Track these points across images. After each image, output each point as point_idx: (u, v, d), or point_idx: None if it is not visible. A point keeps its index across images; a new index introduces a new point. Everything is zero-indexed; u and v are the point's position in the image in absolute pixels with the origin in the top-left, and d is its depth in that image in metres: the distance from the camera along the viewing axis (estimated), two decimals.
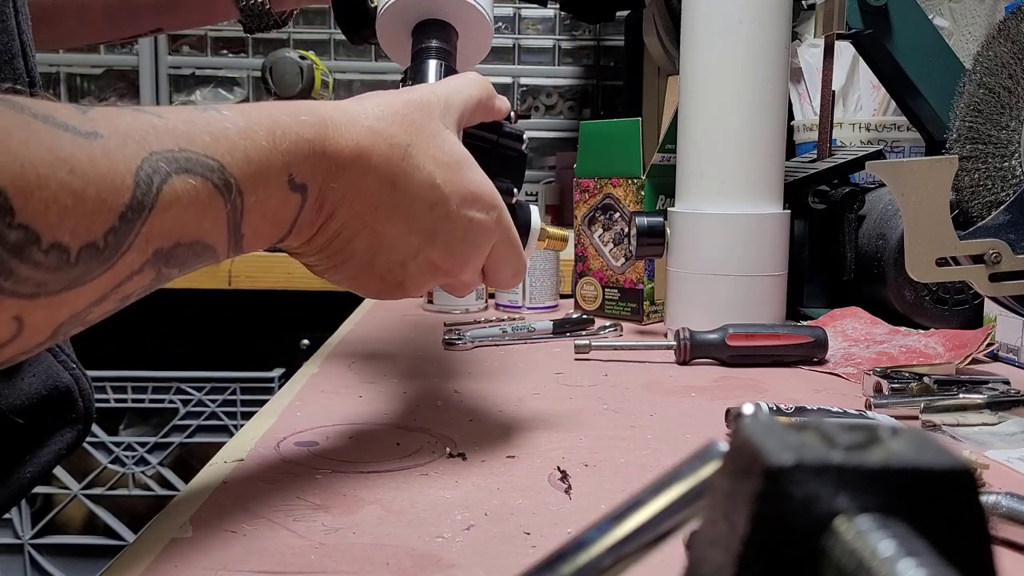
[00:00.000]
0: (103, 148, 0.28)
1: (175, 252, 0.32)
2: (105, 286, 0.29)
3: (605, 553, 0.19)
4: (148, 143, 0.30)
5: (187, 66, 1.77)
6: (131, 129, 0.30)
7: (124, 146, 0.29)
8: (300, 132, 0.37)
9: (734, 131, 0.73)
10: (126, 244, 0.29)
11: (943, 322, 0.79)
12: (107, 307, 0.31)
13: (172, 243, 0.31)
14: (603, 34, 1.80)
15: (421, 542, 0.36)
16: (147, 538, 0.36)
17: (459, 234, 0.44)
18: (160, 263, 0.31)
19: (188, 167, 0.31)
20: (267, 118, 0.36)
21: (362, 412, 0.55)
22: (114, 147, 0.28)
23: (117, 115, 0.30)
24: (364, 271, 0.43)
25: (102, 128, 0.28)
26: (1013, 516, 0.36)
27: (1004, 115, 0.70)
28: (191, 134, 0.32)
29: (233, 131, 0.34)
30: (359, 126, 0.39)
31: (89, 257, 0.28)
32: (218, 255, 0.35)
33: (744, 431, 0.17)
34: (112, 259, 0.29)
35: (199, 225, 0.32)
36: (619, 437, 0.51)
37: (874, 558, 0.15)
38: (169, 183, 0.30)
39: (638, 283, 0.87)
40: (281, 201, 0.36)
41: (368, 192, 0.40)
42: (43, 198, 0.26)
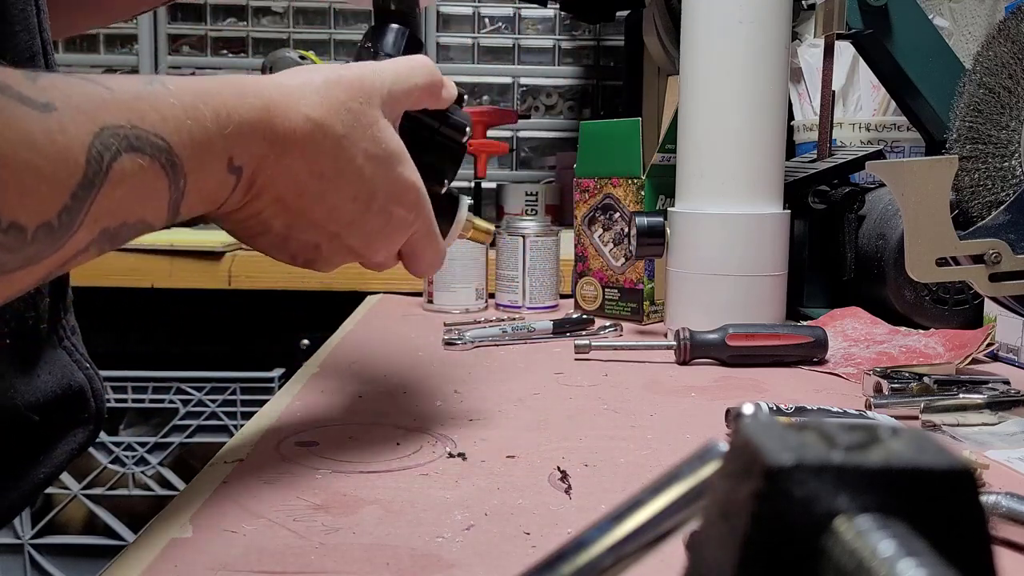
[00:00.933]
0: (58, 122, 0.28)
1: (119, 231, 0.32)
2: (53, 264, 0.29)
3: (605, 553, 0.19)
4: (99, 117, 0.30)
5: (187, 66, 1.77)
6: (83, 101, 0.29)
7: (77, 120, 0.29)
8: (244, 115, 0.37)
9: (734, 131, 0.73)
10: (76, 223, 0.29)
11: (943, 322, 0.79)
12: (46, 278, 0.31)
13: (118, 222, 0.31)
14: (603, 34, 1.80)
15: (421, 542, 0.36)
16: (147, 538, 0.36)
17: (377, 226, 0.44)
18: (104, 242, 0.31)
19: (137, 145, 0.31)
20: (215, 96, 0.36)
21: (362, 412, 0.55)
22: (68, 121, 0.28)
23: (67, 84, 0.30)
24: (277, 246, 0.44)
25: (55, 99, 0.28)
26: (1013, 516, 0.36)
27: (1004, 115, 0.70)
28: (141, 111, 0.32)
29: (179, 109, 0.34)
30: (299, 114, 0.39)
31: (44, 236, 0.28)
32: (153, 229, 0.35)
33: (744, 431, 0.17)
34: (63, 238, 0.29)
35: (144, 204, 0.32)
36: (619, 437, 0.51)
37: (874, 558, 0.15)
38: (119, 161, 0.30)
39: (638, 283, 0.87)
40: (219, 182, 0.37)
41: (297, 178, 0.41)
42: (4, 177, 0.25)
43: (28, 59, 0.46)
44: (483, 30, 1.79)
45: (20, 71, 0.28)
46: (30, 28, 0.45)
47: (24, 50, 0.45)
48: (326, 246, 0.44)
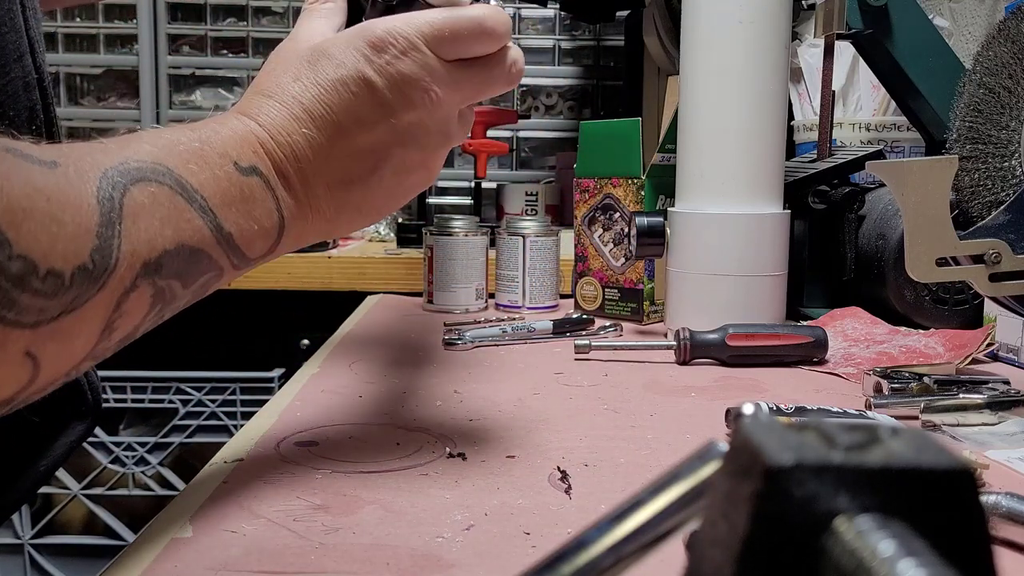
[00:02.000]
0: (64, 175, 0.29)
1: (164, 261, 0.32)
2: (103, 308, 0.30)
3: (605, 553, 0.19)
4: (99, 163, 0.31)
5: (187, 66, 1.77)
6: (81, 154, 0.31)
7: (81, 171, 0.30)
8: (225, 124, 0.38)
9: (734, 131, 0.73)
10: (112, 261, 0.30)
11: (943, 322, 0.79)
12: (116, 336, 0.32)
13: (156, 252, 0.32)
14: (603, 34, 1.80)
15: (421, 542, 0.36)
16: (147, 538, 0.36)
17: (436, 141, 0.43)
18: (153, 275, 0.32)
19: (140, 176, 0.32)
20: (187, 128, 0.37)
21: (362, 412, 0.55)
22: (73, 173, 0.29)
23: (66, 145, 0.31)
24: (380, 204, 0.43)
25: (57, 156, 0.29)
26: (1013, 516, 0.36)
27: (1004, 115, 0.70)
28: (133, 147, 0.33)
29: (165, 139, 0.35)
30: (298, 146, 0.39)
31: (82, 279, 0.28)
32: (215, 261, 0.35)
33: (744, 431, 0.17)
34: (102, 277, 0.29)
35: (175, 229, 0.33)
36: (619, 437, 0.51)
37: (874, 558, 0.15)
38: (128, 194, 0.31)
39: (638, 283, 0.87)
40: (241, 189, 0.37)
41: (318, 142, 0.40)
42: (31, 228, 0.26)
43: (16, 59, 0.46)
44: None
45: (27, 139, 0.29)
46: (16, 28, 0.46)
47: (12, 50, 0.45)
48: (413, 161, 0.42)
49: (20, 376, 0.28)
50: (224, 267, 0.36)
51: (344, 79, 0.40)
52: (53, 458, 0.50)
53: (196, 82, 1.78)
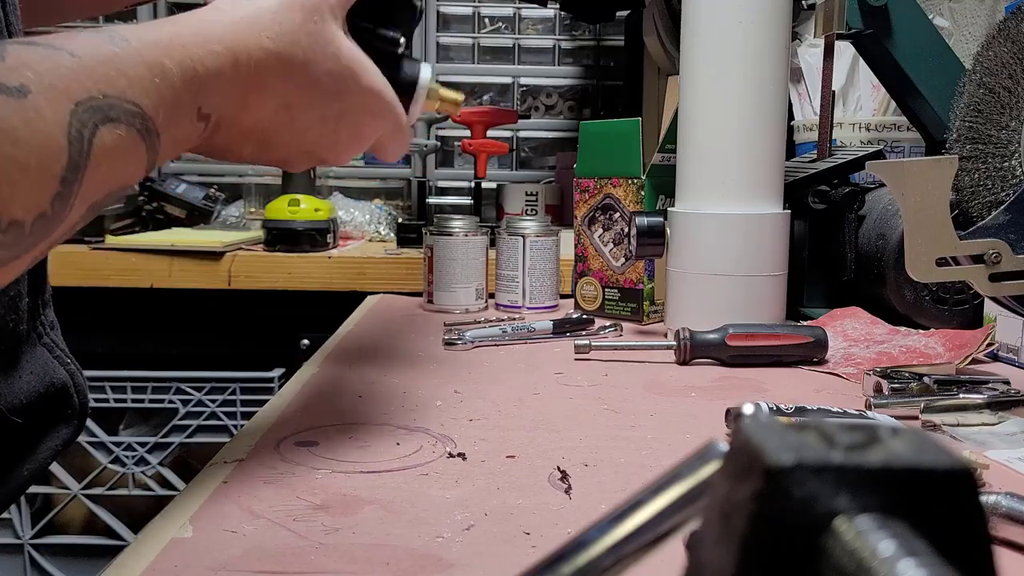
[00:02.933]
0: (35, 108, 0.27)
1: (103, 201, 0.32)
2: (45, 247, 0.30)
3: (605, 553, 0.19)
4: (72, 92, 0.29)
5: None
6: (55, 77, 0.29)
7: (52, 100, 0.28)
8: (210, 65, 0.37)
9: (734, 131, 0.73)
10: (69, 206, 0.29)
11: (943, 322, 0.79)
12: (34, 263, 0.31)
13: (103, 194, 0.32)
14: (603, 34, 1.80)
15: (421, 542, 0.36)
16: (147, 538, 0.36)
17: (346, 137, 0.45)
18: (89, 213, 0.32)
19: (112, 115, 0.31)
20: (179, 49, 0.36)
21: (362, 412, 0.55)
22: (44, 104, 0.28)
23: (36, 58, 0.29)
24: (246, 161, 0.44)
25: (28, 80, 0.28)
26: (1013, 516, 0.36)
27: (1004, 115, 0.70)
28: (109, 77, 0.31)
29: (145, 68, 0.33)
30: (261, 49, 0.39)
31: (41, 226, 0.28)
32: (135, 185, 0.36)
33: (744, 431, 0.17)
34: (58, 223, 0.29)
35: (127, 173, 0.33)
36: (619, 437, 0.51)
37: (874, 558, 0.15)
38: (98, 135, 0.30)
39: (638, 283, 0.87)
40: (188, 132, 0.37)
41: (263, 111, 0.41)
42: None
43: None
44: (483, 30, 1.79)
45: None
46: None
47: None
48: (296, 159, 0.45)
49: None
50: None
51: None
52: (38, 461, 0.49)
53: None
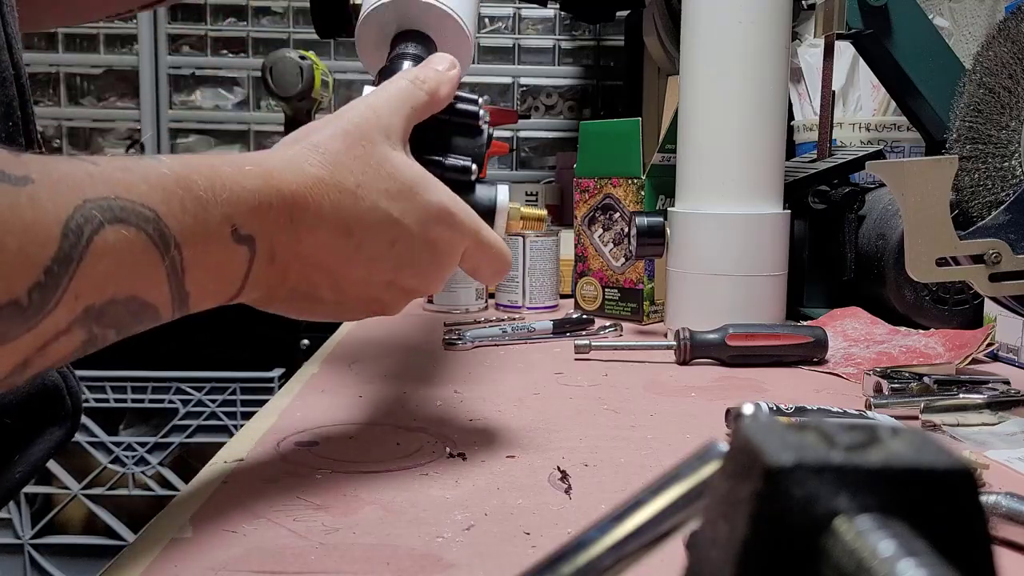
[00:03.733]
0: (29, 195, 0.26)
1: (109, 309, 0.30)
2: (28, 347, 0.27)
3: (605, 553, 0.19)
4: (82, 190, 0.28)
5: (187, 66, 1.77)
6: (65, 175, 0.28)
7: (55, 193, 0.27)
8: (242, 182, 0.35)
9: (734, 131, 0.73)
10: (52, 301, 0.27)
11: (943, 322, 0.79)
12: (29, 372, 0.28)
13: (105, 299, 0.29)
14: (603, 34, 1.80)
15: (421, 542, 0.36)
16: (147, 538, 0.36)
17: (426, 259, 0.43)
18: (91, 322, 0.29)
19: (122, 216, 0.29)
20: (207, 168, 0.34)
21: (362, 412, 0.55)
22: (44, 194, 0.27)
23: (52, 161, 0.28)
24: (336, 311, 0.42)
25: (34, 173, 0.27)
26: (1013, 516, 0.36)
27: (1004, 115, 0.70)
28: (128, 182, 0.30)
29: (171, 179, 0.32)
30: (305, 175, 0.38)
31: (11, 315, 0.26)
32: (160, 314, 0.33)
33: (744, 431, 0.17)
34: (36, 317, 0.27)
35: (134, 280, 0.30)
36: (619, 437, 0.51)
37: (874, 558, 0.15)
38: (101, 233, 0.28)
39: (638, 283, 0.87)
40: (226, 255, 0.35)
41: (322, 242, 0.39)
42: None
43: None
44: (483, 30, 1.80)
45: (7, 150, 0.27)
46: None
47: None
48: (385, 295, 0.43)
49: None
50: (163, 319, 0.33)
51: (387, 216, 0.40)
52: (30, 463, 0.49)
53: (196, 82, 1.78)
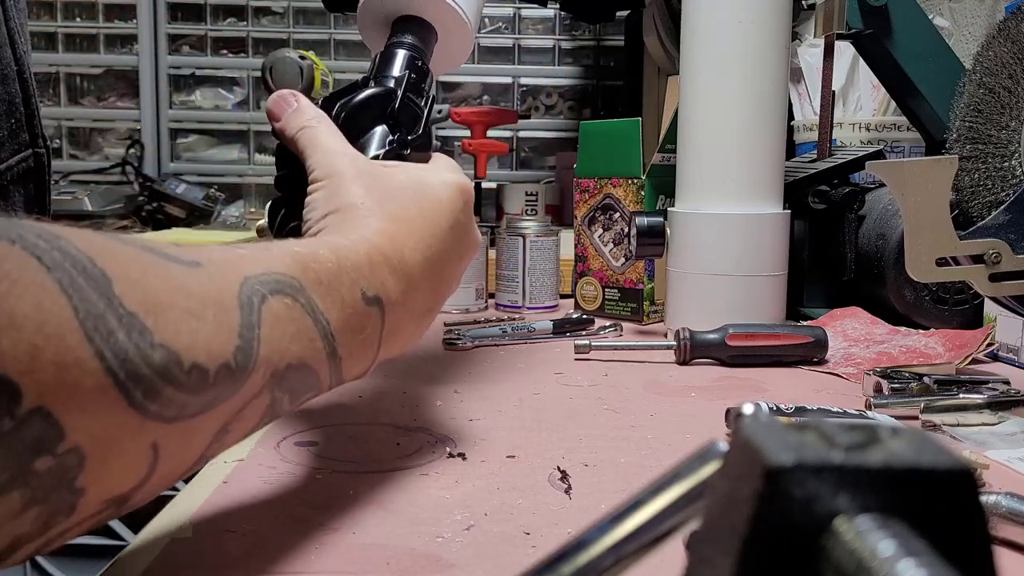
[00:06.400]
0: (207, 275, 0.29)
1: (287, 375, 0.32)
2: (230, 411, 0.29)
3: (605, 553, 0.19)
4: (241, 268, 0.31)
5: (187, 66, 1.77)
6: (223, 258, 0.31)
7: (223, 272, 0.30)
8: (356, 248, 0.38)
9: (734, 131, 0.73)
10: (251, 363, 0.29)
11: (943, 322, 0.79)
12: (228, 441, 0.31)
13: (284, 364, 0.32)
14: (603, 34, 1.80)
15: (421, 542, 0.36)
16: (147, 538, 0.36)
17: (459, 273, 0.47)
18: (275, 386, 0.31)
19: (279, 288, 0.32)
20: (324, 242, 0.38)
21: (362, 412, 0.55)
22: (216, 273, 0.29)
23: (208, 248, 0.31)
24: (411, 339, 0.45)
25: (198, 258, 0.29)
26: (1013, 516, 0.36)
27: (1004, 115, 0.70)
28: (272, 259, 0.33)
29: (304, 255, 0.35)
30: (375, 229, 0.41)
31: (224, 377, 0.28)
32: (320, 382, 0.35)
33: (744, 431, 0.17)
34: (242, 378, 0.29)
35: (300, 346, 0.33)
36: (619, 437, 0.51)
37: (874, 558, 0.15)
38: (267, 304, 0.31)
39: (638, 283, 0.87)
40: (361, 318, 0.37)
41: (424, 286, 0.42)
42: (172, 319, 0.26)
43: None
44: (483, 30, 1.80)
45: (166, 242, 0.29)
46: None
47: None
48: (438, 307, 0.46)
49: (141, 469, 0.26)
50: (323, 388, 0.36)
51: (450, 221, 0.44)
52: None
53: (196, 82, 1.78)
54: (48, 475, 0.23)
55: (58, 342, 0.22)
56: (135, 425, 0.24)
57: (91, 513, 0.25)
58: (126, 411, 0.24)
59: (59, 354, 0.22)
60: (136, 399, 0.24)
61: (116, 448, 0.24)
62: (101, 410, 0.23)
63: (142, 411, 0.24)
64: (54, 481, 0.23)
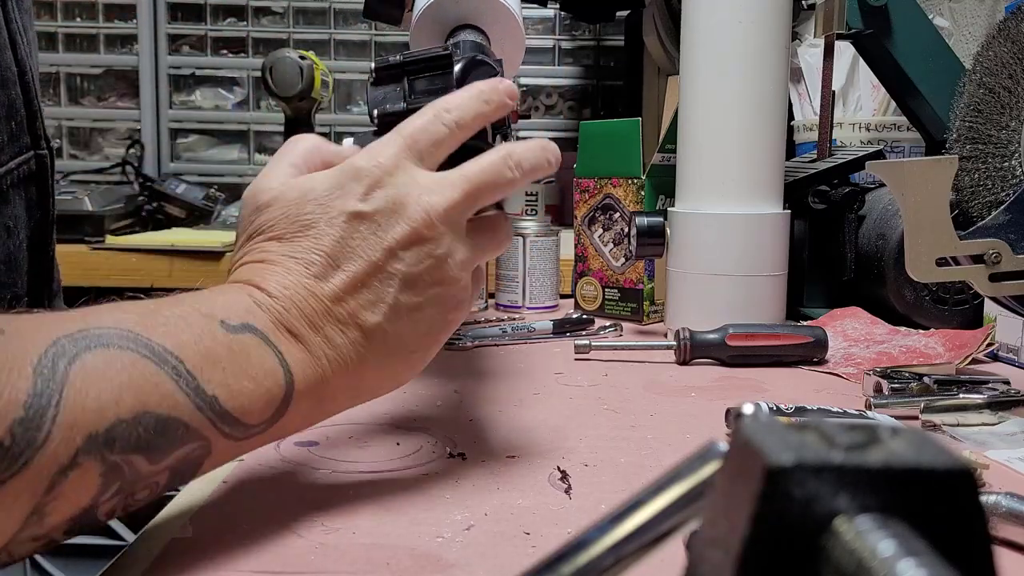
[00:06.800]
0: (3, 342, 0.27)
1: (118, 434, 0.28)
2: (28, 490, 0.26)
3: (605, 553, 0.19)
4: (52, 332, 0.28)
5: (187, 66, 1.77)
6: (36, 324, 0.29)
7: (24, 340, 0.27)
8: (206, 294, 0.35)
9: (734, 131, 0.73)
10: (41, 436, 0.26)
11: (943, 322, 0.79)
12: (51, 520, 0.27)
13: (107, 423, 0.28)
14: (603, 34, 1.80)
15: (421, 542, 0.36)
16: (147, 538, 0.36)
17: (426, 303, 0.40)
18: (102, 450, 0.28)
19: (98, 343, 0.29)
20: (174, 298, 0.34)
21: (362, 412, 0.55)
22: (14, 343, 0.27)
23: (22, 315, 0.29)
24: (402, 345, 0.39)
25: (5, 325, 0.27)
26: (1013, 516, 0.36)
27: (1004, 115, 0.70)
28: (98, 312, 0.30)
29: (141, 307, 0.32)
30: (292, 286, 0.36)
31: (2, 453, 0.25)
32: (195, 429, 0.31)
33: (744, 431, 0.17)
34: (25, 454, 0.26)
35: (136, 395, 0.29)
36: (619, 437, 0.51)
37: (874, 558, 0.15)
38: (79, 361, 0.28)
39: (638, 283, 0.87)
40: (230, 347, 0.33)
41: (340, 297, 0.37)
42: None
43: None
44: None
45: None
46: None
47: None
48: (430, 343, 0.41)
49: None
50: (211, 437, 0.32)
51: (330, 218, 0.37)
52: None
53: (196, 82, 1.78)
54: None
55: None
56: None
57: None
58: None
59: None
60: None
61: None
62: None
63: None
64: None
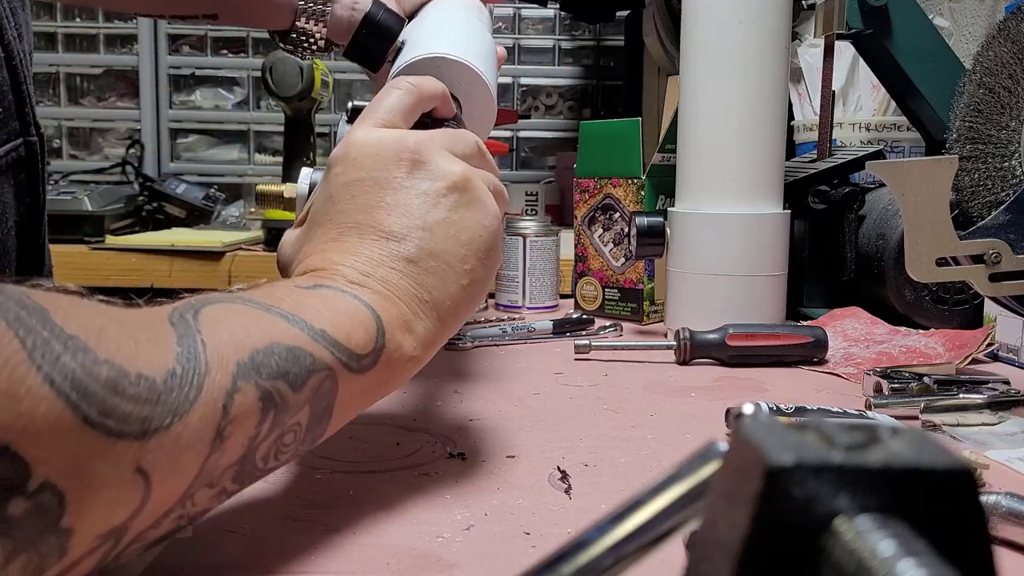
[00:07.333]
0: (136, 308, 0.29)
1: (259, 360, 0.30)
2: (209, 412, 0.28)
3: (605, 553, 0.19)
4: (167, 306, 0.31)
5: (187, 66, 1.77)
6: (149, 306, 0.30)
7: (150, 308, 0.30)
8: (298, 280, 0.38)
9: (734, 131, 0.73)
10: (202, 363, 0.28)
11: (943, 322, 0.79)
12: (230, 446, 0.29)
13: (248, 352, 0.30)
14: (603, 34, 1.80)
15: (421, 542, 0.36)
16: None
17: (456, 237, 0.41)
18: (254, 376, 0.30)
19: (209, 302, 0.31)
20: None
21: (362, 412, 0.55)
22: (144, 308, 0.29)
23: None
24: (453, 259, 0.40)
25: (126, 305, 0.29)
26: (1013, 516, 0.36)
27: (1004, 115, 0.70)
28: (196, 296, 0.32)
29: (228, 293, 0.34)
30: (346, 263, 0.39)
31: (176, 382, 0.27)
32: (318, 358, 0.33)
33: (744, 431, 0.17)
34: (195, 378, 0.27)
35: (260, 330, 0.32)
36: (619, 437, 0.51)
37: (874, 558, 0.15)
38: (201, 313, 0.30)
39: (638, 283, 0.87)
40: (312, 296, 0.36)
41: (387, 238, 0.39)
42: (111, 338, 0.25)
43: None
44: None
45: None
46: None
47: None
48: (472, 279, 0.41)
49: (131, 497, 0.25)
50: (333, 365, 0.33)
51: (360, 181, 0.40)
52: None
53: (196, 82, 1.78)
54: (27, 519, 0.22)
55: (8, 374, 0.21)
56: (103, 448, 0.24)
57: (86, 551, 0.24)
58: (86, 432, 0.23)
59: (11, 386, 0.21)
60: (91, 417, 0.23)
61: (93, 478, 0.23)
62: (60, 436, 0.22)
63: (103, 430, 0.24)
64: (36, 525, 0.22)
